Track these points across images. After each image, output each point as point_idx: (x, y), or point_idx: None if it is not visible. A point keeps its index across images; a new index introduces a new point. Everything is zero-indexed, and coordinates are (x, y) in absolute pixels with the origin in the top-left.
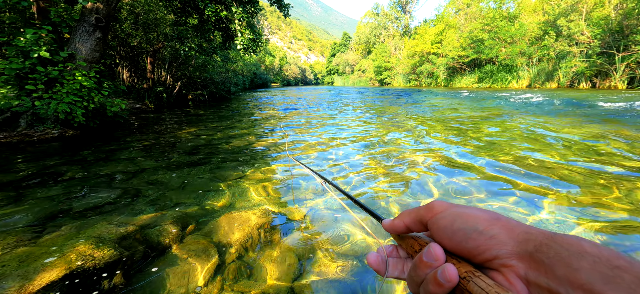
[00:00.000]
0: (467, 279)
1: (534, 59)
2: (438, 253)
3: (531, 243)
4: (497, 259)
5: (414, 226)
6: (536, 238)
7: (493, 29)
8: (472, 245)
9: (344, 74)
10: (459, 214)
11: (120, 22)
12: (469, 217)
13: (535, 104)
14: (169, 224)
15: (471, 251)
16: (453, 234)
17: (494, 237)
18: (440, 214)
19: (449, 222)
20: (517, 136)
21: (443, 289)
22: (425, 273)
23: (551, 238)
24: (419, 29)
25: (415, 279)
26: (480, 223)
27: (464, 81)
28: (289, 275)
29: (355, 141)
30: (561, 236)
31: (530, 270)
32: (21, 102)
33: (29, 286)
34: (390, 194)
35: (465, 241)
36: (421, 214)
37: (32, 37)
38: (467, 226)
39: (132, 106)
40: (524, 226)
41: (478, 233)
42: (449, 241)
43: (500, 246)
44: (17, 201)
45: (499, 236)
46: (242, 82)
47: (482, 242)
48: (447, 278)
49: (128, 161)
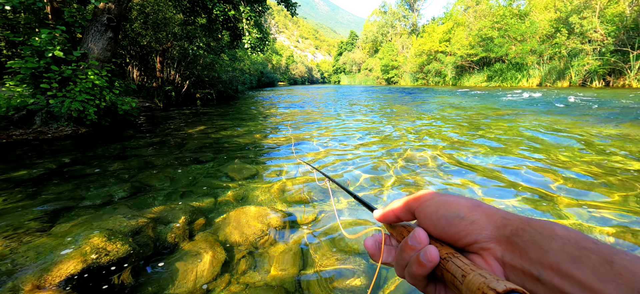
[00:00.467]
0: (446, 260)
1: (545, 57)
2: (422, 236)
3: (508, 227)
4: (477, 243)
5: (404, 215)
6: (513, 223)
7: (503, 26)
8: (454, 230)
9: (351, 72)
10: (443, 202)
11: (130, 21)
12: (452, 205)
13: (554, 102)
14: (178, 219)
15: (453, 236)
16: (437, 220)
17: (474, 222)
18: (426, 202)
19: (434, 209)
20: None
21: (425, 269)
22: (410, 256)
23: (527, 222)
24: (427, 27)
25: (401, 263)
26: (462, 210)
27: (472, 80)
28: (294, 268)
29: (361, 139)
30: (536, 221)
31: (507, 252)
32: (36, 100)
33: (47, 277)
34: (396, 192)
35: (448, 226)
36: (410, 203)
37: (47, 37)
38: (450, 213)
39: (141, 105)
40: (502, 212)
41: (460, 219)
42: (433, 228)
43: (480, 231)
44: (33, 196)
45: (479, 221)
46: (249, 81)
47: (463, 227)
48: (428, 258)
49: (138, 157)
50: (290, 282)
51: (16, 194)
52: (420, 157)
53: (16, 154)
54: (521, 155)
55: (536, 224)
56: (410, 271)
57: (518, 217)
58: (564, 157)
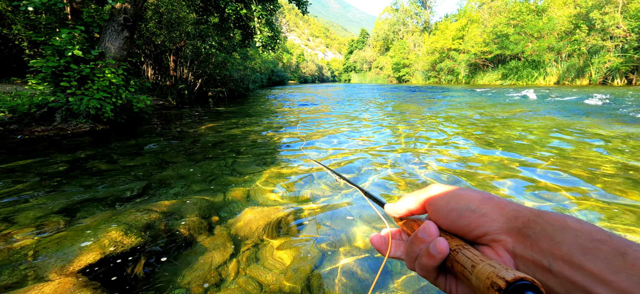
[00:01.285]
0: (456, 251)
1: (563, 55)
2: (431, 229)
3: (520, 219)
4: (488, 235)
5: (415, 209)
6: (525, 215)
7: (519, 23)
8: (465, 222)
9: (361, 71)
10: (454, 195)
11: (145, 21)
12: (463, 197)
13: (576, 101)
14: (190, 214)
15: (463, 228)
16: (448, 213)
17: (485, 215)
18: (437, 195)
19: (445, 202)
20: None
21: (435, 260)
22: (420, 248)
23: (538, 215)
24: (440, 25)
25: (412, 255)
26: (473, 202)
27: (486, 78)
28: (305, 265)
29: (371, 136)
30: (548, 213)
31: (518, 244)
32: (57, 98)
33: (69, 267)
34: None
35: (458, 219)
36: (420, 196)
37: (67, 36)
38: (461, 206)
39: (156, 103)
40: (514, 205)
41: (470, 211)
42: (444, 220)
43: (491, 223)
44: (54, 190)
45: (490, 213)
46: (260, 79)
47: (474, 219)
48: (438, 250)
49: (152, 154)
50: (299, 278)
51: (38, 188)
52: (433, 157)
53: (38, 149)
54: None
55: (548, 217)
56: (421, 263)
57: (530, 209)
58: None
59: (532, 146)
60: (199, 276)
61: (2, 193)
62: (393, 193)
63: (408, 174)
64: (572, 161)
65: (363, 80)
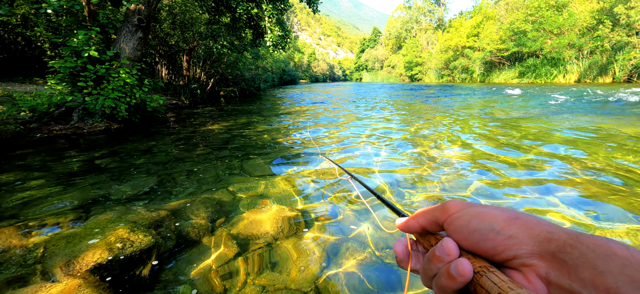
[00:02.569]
0: (480, 274)
1: (584, 52)
2: (451, 247)
3: (554, 242)
4: (517, 259)
5: (429, 227)
6: (559, 237)
7: (538, 19)
8: (490, 245)
9: (373, 70)
10: (476, 214)
11: (160, 22)
12: (486, 217)
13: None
14: (199, 213)
15: (488, 251)
16: (469, 234)
17: (512, 237)
18: (456, 214)
19: (465, 222)
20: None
21: (456, 283)
22: (438, 267)
23: (576, 238)
24: (454, 22)
25: (428, 273)
26: (498, 223)
27: (502, 76)
28: (313, 268)
29: (384, 137)
30: (588, 237)
31: (552, 270)
32: (74, 97)
33: (76, 265)
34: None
35: (482, 241)
36: (436, 215)
37: (84, 38)
38: (484, 226)
39: (169, 102)
40: (546, 225)
41: (495, 233)
42: (465, 241)
43: (520, 246)
44: (69, 187)
45: (518, 235)
46: (271, 78)
47: (500, 242)
48: (460, 272)
49: (164, 153)
50: (306, 282)
51: (54, 185)
52: (451, 161)
53: (56, 147)
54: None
55: (588, 241)
56: (439, 284)
57: (564, 231)
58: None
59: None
60: (205, 275)
61: (19, 188)
62: (407, 200)
63: (432, 180)
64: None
65: (374, 79)
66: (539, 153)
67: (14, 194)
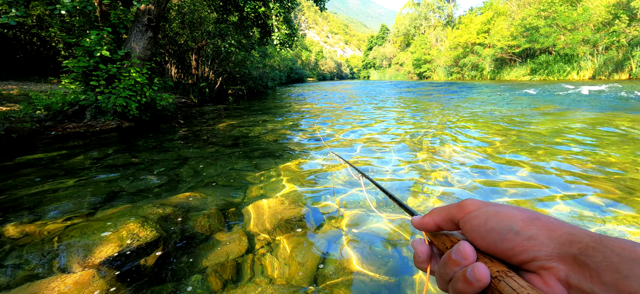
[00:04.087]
0: (498, 279)
1: (599, 48)
2: (467, 251)
3: (575, 245)
4: (536, 261)
5: (445, 225)
6: (582, 240)
7: (551, 14)
8: (508, 246)
9: (381, 67)
10: (493, 213)
11: (169, 21)
12: (504, 217)
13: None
14: (207, 209)
15: (506, 252)
16: (486, 234)
17: (532, 238)
18: (473, 212)
19: (482, 221)
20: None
21: (472, 288)
22: (454, 271)
23: (599, 241)
24: (464, 18)
25: (444, 277)
26: (517, 223)
27: (513, 73)
28: (313, 261)
29: (394, 136)
30: (612, 240)
31: (573, 273)
32: (87, 96)
33: (90, 257)
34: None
35: (500, 241)
36: (452, 212)
37: (96, 38)
38: (502, 226)
39: (178, 101)
40: (567, 227)
41: (514, 233)
42: (482, 241)
43: (539, 247)
44: (83, 182)
45: (538, 236)
46: (278, 77)
47: (518, 243)
48: (477, 277)
49: (173, 150)
50: (308, 276)
51: (67, 180)
52: (461, 160)
53: (70, 145)
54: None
55: (613, 243)
56: (456, 288)
57: (588, 233)
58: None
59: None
60: (215, 268)
61: (36, 183)
62: (420, 202)
63: (444, 180)
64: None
65: (382, 77)
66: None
67: (31, 189)
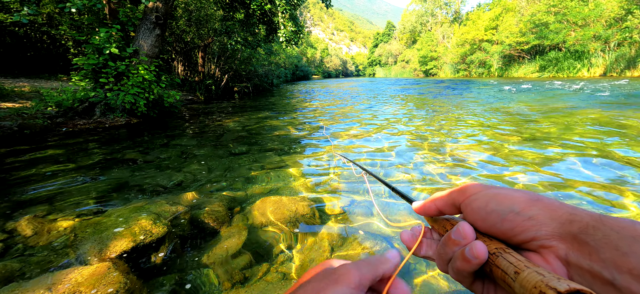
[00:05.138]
0: (495, 255)
1: (611, 44)
2: (467, 230)
3: (576, 224)
4: (536, 240)
5: (446, 209)
6: (582, 219)
7: (561, 10)
8: (508, 226)
9: (387, 65)
10: (494, 195)
11: (176, 19)
12: (505, 198)
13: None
14: (214, 205)
15: (506, 232)
16: (487, 215)
17: (532, 218)
18: (474, 195)
19: (483, 203)
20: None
21: (471, 265)
22: (453, 251)
23: (599, 220)
24: (472, 15)
25: (444, 257)
26: (517, 204)
27: (521, 70)
28: (320, 257)
29: (398, 132)
30: (612, 219)
31: (572, 251)
32: (96, 93)
33: (104, 250)
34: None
35: (500, 222)
36: (454, 196)
37: (105, 35)
38: (502, 208)
39: (185, 98)
40: (568, 208)
41: (514, 214)
42: (482, 223)
43: (539, 227)
44: (93, 179)
45: (538, 216)
46: (284, 74)
47: (519, 223)
48: (474, 254)
49: (181, 147)
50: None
51: (79, 176)
52: (470, 159)
53: (81, 141)
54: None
55: (612, 223)
56: (455, 267)
57: (588, 213)
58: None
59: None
60: (222, 263)
61: (49, 178)
62: (418, 190)
63: (448, 172)
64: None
65: (388, 74)
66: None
67: (45, 183)
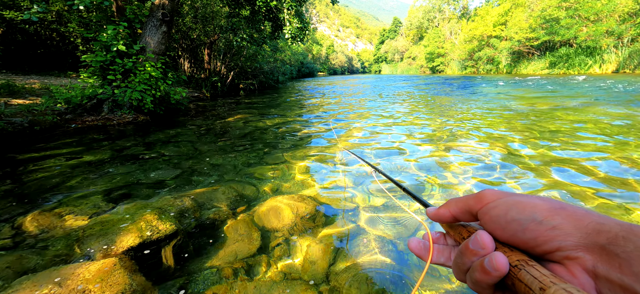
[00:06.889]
0: (518, 268)
1: (625, 40)
2: (485, 240)
3: (604, 234)
4: (560, 251)
5: (462, 216)
6: (611, 229)
7: (572, 5)
8: (530, 236)
9: (393, 61)
10: (514, 203)
11: (182, 16)
12: (526, 206)
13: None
14: (220, 202)
15: (528, 242)
16: (507, 224)
17: (556, 227)
18: (492, 203)
19: (503, 211)
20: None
21: (490, 277)
22: (471, 261)
23: (630, 230)
24: (480, 10)
25: (461, 267)
26: (539, 212)
27: (531, 67)
28: (324, 259)
29: (407, 131)
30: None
31: (600, 263)
32: (104, 90)
33: (111, 246)
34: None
35: (521, 231)
36: (470, 203)
37: (112, 33)
38: (524, 216)
39: (191, 95)
40: (595, 216)
41: (537, 223)
42: (502, 232)
43: (564, 237)
44: (101, 176)
45: (563, 226)
46: (289, 71)
47: (542, 232)
48: (494, 266)
49: (188, 143)
50: (319, 273)
51: (87, 172)
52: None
53: (90, 137)
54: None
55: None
56: (474, 278)
57: (617, 222)
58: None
59: None
60: (228, 261)
61: (58, 174)
62: (432, 193)
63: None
64: None
65: (394, 71)
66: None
67: (54, 179)
